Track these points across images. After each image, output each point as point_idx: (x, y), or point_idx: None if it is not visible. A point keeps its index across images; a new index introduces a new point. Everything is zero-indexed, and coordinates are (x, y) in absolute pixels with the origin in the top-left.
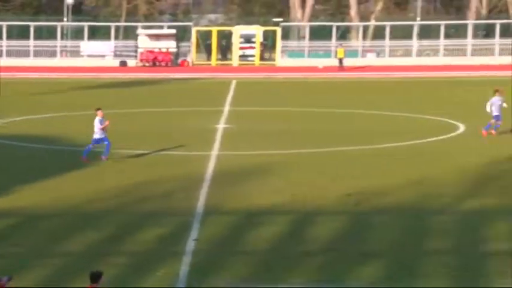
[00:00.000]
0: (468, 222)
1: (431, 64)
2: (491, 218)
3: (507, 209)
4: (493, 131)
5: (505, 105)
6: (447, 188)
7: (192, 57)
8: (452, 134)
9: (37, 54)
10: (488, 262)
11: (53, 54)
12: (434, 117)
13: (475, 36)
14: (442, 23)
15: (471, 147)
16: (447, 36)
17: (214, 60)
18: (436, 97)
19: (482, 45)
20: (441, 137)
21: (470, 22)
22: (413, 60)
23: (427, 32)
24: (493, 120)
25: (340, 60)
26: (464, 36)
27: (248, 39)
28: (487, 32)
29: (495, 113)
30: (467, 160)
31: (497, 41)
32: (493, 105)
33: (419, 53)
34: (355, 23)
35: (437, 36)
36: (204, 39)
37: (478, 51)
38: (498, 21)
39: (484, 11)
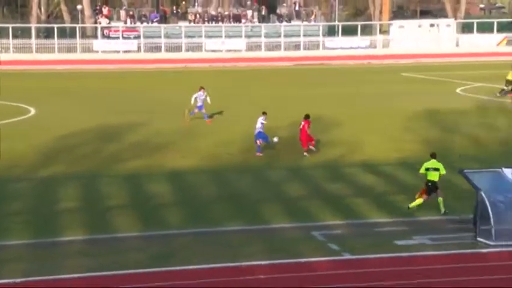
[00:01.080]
0: (43, 187)
1: (25, 59)
2: (62, 183)
3: (74, 175)
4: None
5: (208, 99)
6: (24, 160)
7: None
8: (25, 116)
9: None
10: (61, 217)
11: None
12: (9, 103)
13: (38, 37)
14: (10, 25)
15: (42, 126)
16: (15, 36)
17: None
18: (10, 86)
19: (45, 44)
20: (16, 119)
21: (33, 25)
22: None
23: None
24: (196, 110)
25: None
26: (29, 36)
27: None
28: (47, 33)
29: (199, 104)
30: (40, 137)
31: (56, 41)
32: (198, 98)
33: None
34: None
35: (7, 37)
36: None
37: (41, 49)
38: (56, 25)
39: (43, 17)
